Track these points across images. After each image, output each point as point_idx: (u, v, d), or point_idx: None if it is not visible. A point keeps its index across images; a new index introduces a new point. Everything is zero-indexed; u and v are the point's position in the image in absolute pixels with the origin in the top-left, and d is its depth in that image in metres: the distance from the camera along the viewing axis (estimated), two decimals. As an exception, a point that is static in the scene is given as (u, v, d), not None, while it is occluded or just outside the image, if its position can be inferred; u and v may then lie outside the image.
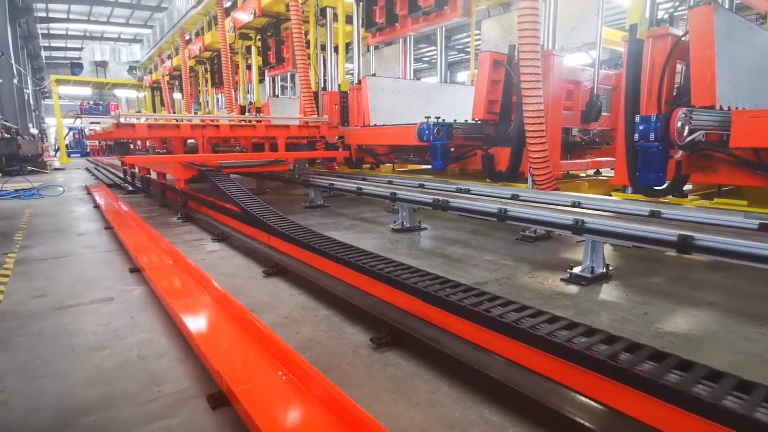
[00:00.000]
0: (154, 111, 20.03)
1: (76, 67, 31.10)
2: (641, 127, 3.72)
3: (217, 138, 7.49)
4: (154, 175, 8.63)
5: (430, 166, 6.19)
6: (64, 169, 17.17)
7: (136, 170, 9.96)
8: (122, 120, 6.07)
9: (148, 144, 11.02)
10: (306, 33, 8.96)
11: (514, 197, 4.57)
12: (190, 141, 7.18)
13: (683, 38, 3.99)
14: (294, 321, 2.70)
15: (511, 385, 1.82)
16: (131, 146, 11.96)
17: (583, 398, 1.76)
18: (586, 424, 1.59)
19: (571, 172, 6.62)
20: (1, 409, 1.82)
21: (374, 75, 8.71)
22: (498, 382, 1.87)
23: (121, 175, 12.56)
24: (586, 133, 6.41)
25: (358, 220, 5.88)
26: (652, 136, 3.65)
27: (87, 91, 31.60)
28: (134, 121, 6.69)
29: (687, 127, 3.50)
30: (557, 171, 5.23)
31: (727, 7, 4.22)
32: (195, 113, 15.66)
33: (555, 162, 5.16)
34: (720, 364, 1.68)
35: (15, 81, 17.65)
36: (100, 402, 1.87)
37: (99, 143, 29.00)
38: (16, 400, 1.90)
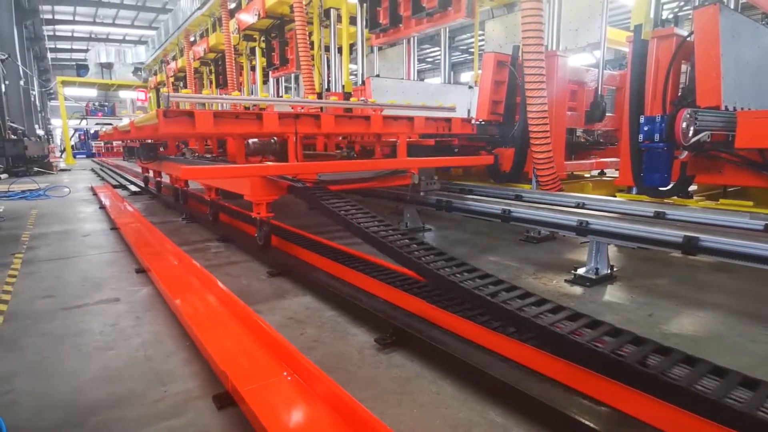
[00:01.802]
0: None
1: (81, 68, 31.26)
2: (646, 128, 3.71)
3: (316, 134, 5.53)
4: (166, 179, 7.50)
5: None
6: (69, 170, 17.29)
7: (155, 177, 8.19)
8: (169, 104, 3.76)
9: (183, 145, 7.89)
10: (310, 34, 8.98)
11: (518, 198, 4.57)
12: (252, 141, 5.01)
13: (688, 38, 3.97)
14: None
15: (515, 386, 1.82)
16: (160, 148, 7.79)
17: (584, 400, 1.77)
18: (590, 425, 1.59)
19: (575, 173, 6.60)
20: (10, 408, 1.84)
21: (378, 76, 8.72)
22: (502, 383, 1.87)
23: (128, 177, 12.63)
24: (591, 134, 6.39)
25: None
26: (657, 136, 3.64)
27: (92, 93, 31.76)
28: (188, 103, 4.99)
29: (692, 128, 3.48)
30: (561, 172, 5.21)
31: (732, 7, 4.19)
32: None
33: (559, 163, 5.14)
34: (725, 366, 1.68)
35: (21, 83, 17.80)
36: (107, 402, 1.89)
37: (105, 144, 29.19)
38: (25, 399, 1.92)
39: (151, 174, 8.73)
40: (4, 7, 16.37)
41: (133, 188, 10.04)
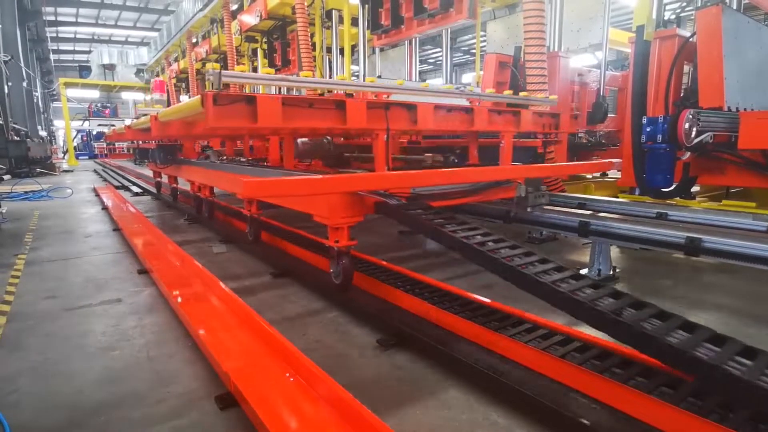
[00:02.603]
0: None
1: (84, 70, 31.37)
2: (648, 129, 3.71)
3: (410, 132, 4.37)
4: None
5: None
6: (72, 171, 17.34)
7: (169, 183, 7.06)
8: (221, 85, 2.61)
9: (205, 146, 6.99)
10: (312, 35, 9.00)
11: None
12: (301, 140, 4.27)
13: (691, 39, 3.96)
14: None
15: (518, 387, 1.82)
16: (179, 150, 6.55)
17: (585, 401, 1.76)
18: (591, 425, 1.59)
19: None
20: (14, 408, 1.85)
21: (380, 77, 8.72)
22: (505, 384, 1.87)
23: (131, 179, 12.66)
24: (593, 135, 6.39)
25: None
26: (659, 137, 3.64)
27: (95, 94, 31.91)
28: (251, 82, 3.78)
29: (695, 129, 3.48)
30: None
31: (734, 7, 4.18)
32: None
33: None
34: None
35: (24, 84, 17.86)
36: (110, 402, 1.89)
37: (108, 145, 29.25)
38: (29, 400, 1.92)
39: (164, 179, 7.78)
40: (7, 8, 16.43)
41: (135, 189, 10.06)
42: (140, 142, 8.04)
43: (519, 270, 2.03)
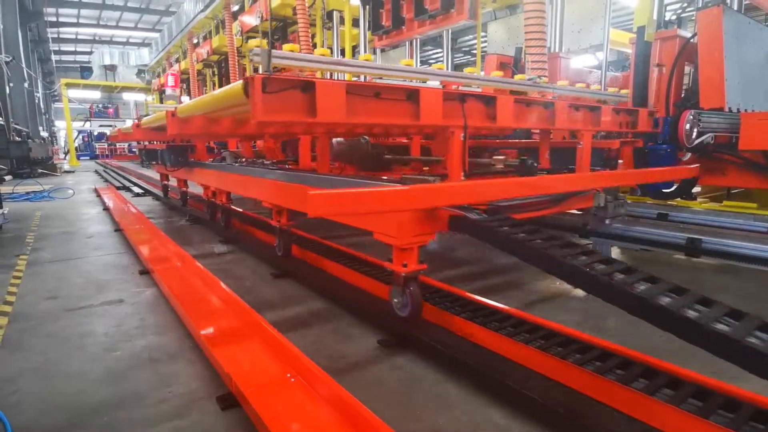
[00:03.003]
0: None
1: (85, 70, 31.47)
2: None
3: (486, 129, 3.78)
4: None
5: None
6: (73, 171, 17.37)
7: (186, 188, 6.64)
8: (270, 67, 2.26)
9: (218, 147, 6.59)
10: (313, 36, 9.01)
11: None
12: (336, 140, 3.85)
13: (691, 40, 3.97)
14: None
15: (518, 388, 1.82)
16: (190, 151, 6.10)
17: (586, 401, 1.77)
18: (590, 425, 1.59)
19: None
20: (15, 409, 1.85)
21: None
22: (505, 385, 1.87)
23: (132, 179, 12.68)
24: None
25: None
26: (660, 138, 3.64)
27: (96, 95, 31.96)
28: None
29: (696, 130, 3.48)
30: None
31: (735, 8, 4.19)
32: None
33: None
34: (731, 368, 1.67)
35: (26, 85, 17.90)
36: (111, 403, 1.89)
37: (109, 146, 29.28)
38: (30, 400, 1.93)
39: (172, 181, 7.38)
40: (8, 9, 16.47)
41: (136, 190, 10.07)
42: (147, 143, 7.67)
43: (693, 321, 1.45)
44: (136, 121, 6.03)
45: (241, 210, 5.46)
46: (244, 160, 4.99)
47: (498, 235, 2.06)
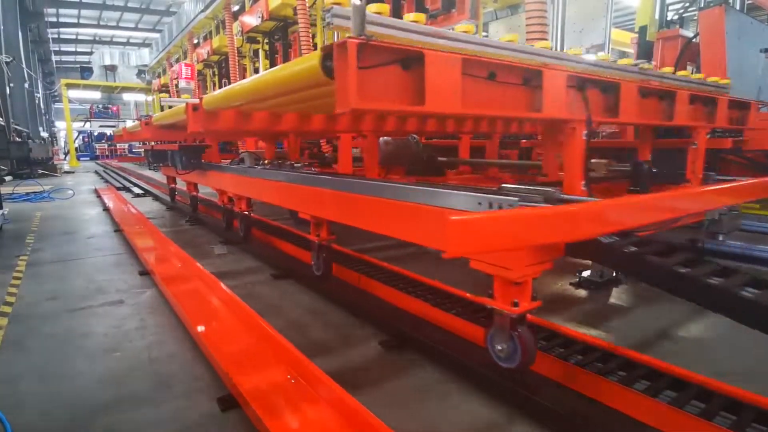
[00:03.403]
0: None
1: (85, 71, 31.46)
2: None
3: (610, 124, 3.28)
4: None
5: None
6: (73, 172, 17.38)
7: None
8: (363, 30, 1.48)
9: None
10: (313, 36, 9.00)
11: None
12: (384, 140, 3.51)
13: (693, 40, 3.96)
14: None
15: (519, 389, 1.81)
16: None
17: (587, 401, 1.76)
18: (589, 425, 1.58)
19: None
20: (16, 410, 1.84)
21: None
22: (506, 386, 1.86)
23: (132, 180, 12.66)
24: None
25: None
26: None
27: (96, 95, 31.96)
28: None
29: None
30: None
31: (737, 8, 4.18)
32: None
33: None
34: (733, 369, 1.66)
35: (26, 85, 17.91)
36: (112, 403, 1.89)
37: (109, 147, 29.28)
38: (31, 401, 1.92)
39: (180, 185, 6.89)
40: (9, 10, 16.48)
41: (136, 190, 10.06)
42: (153, 144, 6.91)
43: None
44: (145, 118, 5.40)
45: (267, 220, 4.98)
46: (267, 162, 4.37)
47: (648, 266, 1.53)
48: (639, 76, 2.69)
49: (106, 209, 7.16)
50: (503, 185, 1.80)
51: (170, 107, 3.95)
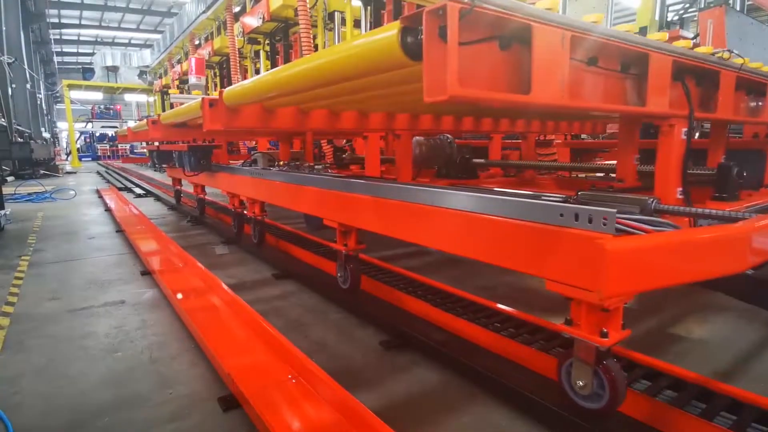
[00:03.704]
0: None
1: (87, 71, 31.54)
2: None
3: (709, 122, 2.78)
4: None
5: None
6: (75, 172, 17.42)
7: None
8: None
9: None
10: (314, 37, 9.01)
11: None
12: (417, 140, 3.38)
13: (694, 41, 3.96)
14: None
15: (519, 389, 1.82)
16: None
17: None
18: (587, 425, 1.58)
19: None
20: (16, 410, 1.85)
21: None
22: (506, 386, 1.86)
23: (134, 180, 12.67)
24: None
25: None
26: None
27: (98, 96, 32.05)
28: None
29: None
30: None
31: (738, 8, 4.18)
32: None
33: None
34: (734, 370, 1.66)
35: (28, 86, 17.94)
36: (113, 404, 1.89)
37: (110, 147, 29.31)
38: (32, 401, 1.92)
39: (185, 186, 6.76)
40: (10, 11, 16.51)
41: (138, 191, 10.08)
42: (159, 144, 6.53)
43: None
44: (153, 117, 5.10)
45: (285, 227, 4.82)
46: (282, 163, 4.07)
47: None
48: (725, 66, 2.17)
49: (107, 210, 7.17)
50: (581, 192, 1.55)
51: (181, 104, 3.70)
